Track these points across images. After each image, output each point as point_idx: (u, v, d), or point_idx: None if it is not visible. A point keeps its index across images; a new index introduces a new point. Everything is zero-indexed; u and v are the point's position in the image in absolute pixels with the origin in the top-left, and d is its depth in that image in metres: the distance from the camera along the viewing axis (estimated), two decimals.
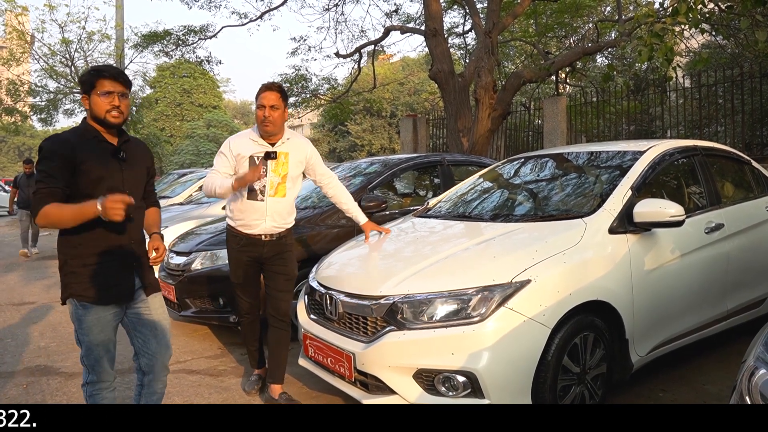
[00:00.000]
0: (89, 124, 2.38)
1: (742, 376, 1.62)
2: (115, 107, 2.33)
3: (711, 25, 7.78)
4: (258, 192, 3.16)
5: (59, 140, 2.29)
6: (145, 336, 2.51)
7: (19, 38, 16.73)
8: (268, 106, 3.09)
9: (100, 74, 2.32)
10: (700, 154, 3.83)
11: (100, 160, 2.32)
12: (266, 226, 3.19)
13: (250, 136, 3.22)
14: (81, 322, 2.34)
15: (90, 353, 2.39)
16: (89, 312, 2.33)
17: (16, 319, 5.41)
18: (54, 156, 2.23)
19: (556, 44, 15.89)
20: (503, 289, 2.57)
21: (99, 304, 2.33)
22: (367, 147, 30.38)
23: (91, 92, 2.31)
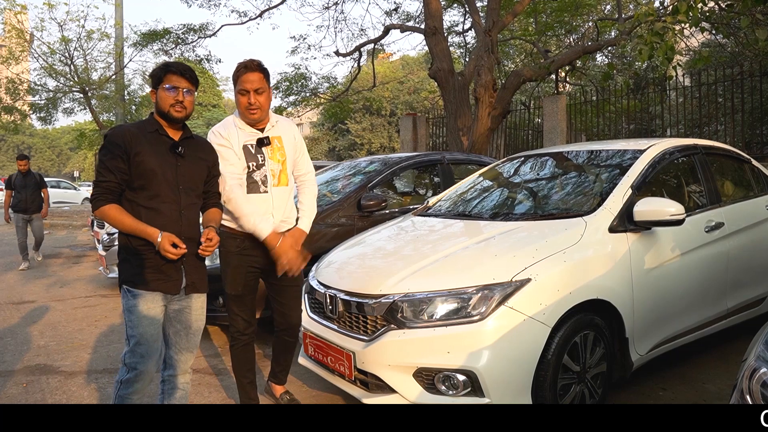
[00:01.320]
0: (153, 117, 2.43)
1: (743, 375, 1.62)
2: (179, 102, 2.36)
3: (711, 23, 7.78)
4: (260, 183, 2.85)
5: (119, 131, 2.35)
6: (178, 331, 2.50)
7: (19, 37, 16.69)
8: (252, 90, 2.75)
9: (169, 69, 2.38)
10: (700, 152, 3.82)
11: (156, 152, 2.35)
12: (274, 222, 2.87)
13: (234, 123, 2.87)
14: (131, 312, 2.33)
15: (137, 347, 2.34)
16: (139, 300, 2.33)
17: (15, 318, 5.41)
18: (112, 146, 2.30)
19: (556, 43, 15.88)
20: (503, 287, 2.57)
21: (147, 289, 2.33)
22: (367, 146, 30.37)
23: (159, 86, 2.38)
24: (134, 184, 2.32)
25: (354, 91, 15.75)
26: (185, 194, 2.42)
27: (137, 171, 2.31)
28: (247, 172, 2.83)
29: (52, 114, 17.41)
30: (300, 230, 2.98)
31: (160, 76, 2.38)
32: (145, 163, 2.31)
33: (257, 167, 2.84)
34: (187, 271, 2.44)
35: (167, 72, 2.38)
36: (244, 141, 2.84)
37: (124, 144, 2.29)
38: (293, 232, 2.95)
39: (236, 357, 3.03)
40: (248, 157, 2.83)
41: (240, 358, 3.03)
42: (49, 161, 61.19)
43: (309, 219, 3.03)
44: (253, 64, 2.79)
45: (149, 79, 2.49)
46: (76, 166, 54.94)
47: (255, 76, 2.76)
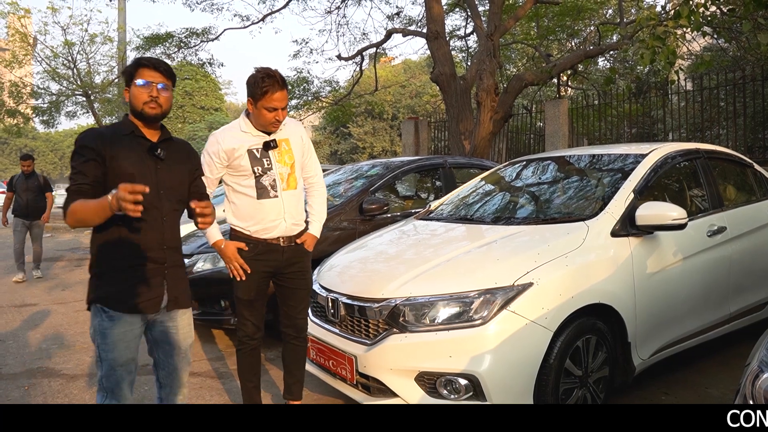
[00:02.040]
0: (128, 118, 2.23)
1: (746, 380, 1.61)
2: (153, 98, 2.15)
3: (713, 28, 7.77)
4: (269, 188, 2.78)
5: (92, 134, 2.17)
6: (168, 352, 2.31)
7: (22, 40, 16.75)
8: (280, 108, 2.72)
9: (141, 63, 2.18)
10: (702, 157, 3.82)
11: (132, 156, 2.15)
12: (286, 226, 2.82)
13: (240, 128, 2.82)
14: (105, 336, 2.12)
15: (112, 374, 2.13)
16: (115, 324, 2.12)
17: (17, 321, 5.41)
18: (84, 150, 2.11)
19: (558, 47, 15.91)
20: (505, 292, 2.57)
21: (125, 311, 2.12)
22: (369, 149, 30.39)
23: (131, 83, 2.17)
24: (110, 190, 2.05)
25: (356, 94, 15.76)
26: (167, 199, 2.22)
27: (114, 176, 2.09)
28: (254, 177, 2.77)
29: (54, 117, 17.45)
30: (311, 235, 2.95)
31: (132, 71, 2.17)
32: (122, 167, 2.12)
33: (263, 171, 2.78)
34: (170, 285, 2.23)
35: (139, 66, 2.17)
36: (249, 145, 2.79)
37: (97, 147, 2.10)
38: (304, 238, 2.92)
39: (243, 361, 2.98)
40: (253, 162, 2.77)
41: (247, 363, 2.98)
42: (51, 164, 61.31)
43: (320, 223, 3.00)
44: (280, 79, 2.71)
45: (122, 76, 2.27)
46: None
47: (283, 93, 2.71)
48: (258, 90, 2.67)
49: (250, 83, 2.73)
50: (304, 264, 2.96)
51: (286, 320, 3.01)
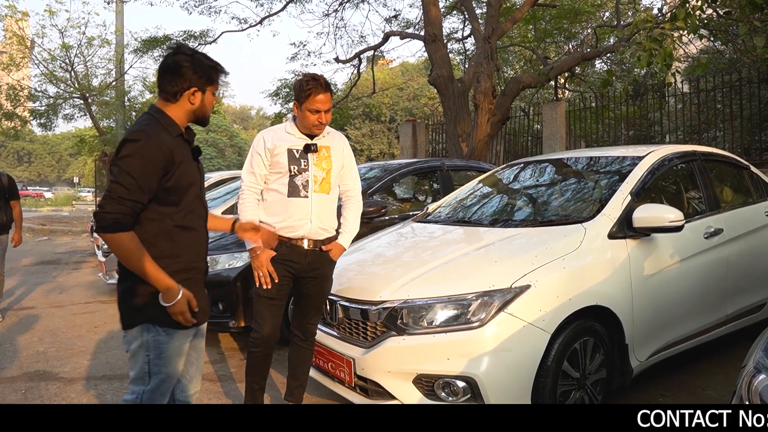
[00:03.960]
0: (170, 117, 2.03)
1: (742, 381, 1.62)
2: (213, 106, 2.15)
3: (709, 30, 7.81)
4: (300, 188, 2.81)
5: (158, 141, 1.92)
6: (191, 358, 2.21)
7: (19, 43, 16.75)
8: (324, 110, 2.78)
9: (223, 69, 2.12)
10: (699, 159, 3.83)
11: (189, 163, 2.04)
12: (311, 228, 2.82)
13: (285, 129, 2.89)
14: (161, 351, 2.00)
15: (160, 387, 2.04)
16: (173, 338, 2.02)
17: (14, 325, 5.40)
18: (150, 162, 1.88)
19: (555, 49, 15.93)
20: (503, 294, 2.57)
21: (183, 328, 2.02)
22: (367, 152, 30.41)
23: (208, 88, 2.07)
24: (166, 199, 1.96)
25: (354, 97, 15.78)
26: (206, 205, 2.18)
27: (175, 185, 1.96)
28: (289, 176, 2.81)
29: (52, 120, 17.44)
30: (339, 245, 2.93)
31: (213, 77, 2.08)
32: (184, 177, 1.98)
33: (299, 171, 2.81)
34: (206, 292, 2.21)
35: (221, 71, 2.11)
36: (290, 145, 2.84)
37: (164, 159, 1.92)
38: (331, 246, 2.91)
39: (254, 364, 2.93)
40: (291, 161, 2.81)
41: (257, 366, 2.93)
42: (49, 167, 61.26)
43: (350, 236, 3.00)
44: (325, 82, 2.80)
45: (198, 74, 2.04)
46: (76, 172, 54.98)
47: (327, 96, 2.79)
48: (303, 93, 2.76)
49: (296, 87, 2.84)
50: (325, 272, 2.93)
51: (297, 323, 3.01)
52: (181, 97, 2.03)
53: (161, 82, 2.05)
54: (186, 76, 2.01)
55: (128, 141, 1.91)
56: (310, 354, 3.05)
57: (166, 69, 2.03)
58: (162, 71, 2.05)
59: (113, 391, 3.64)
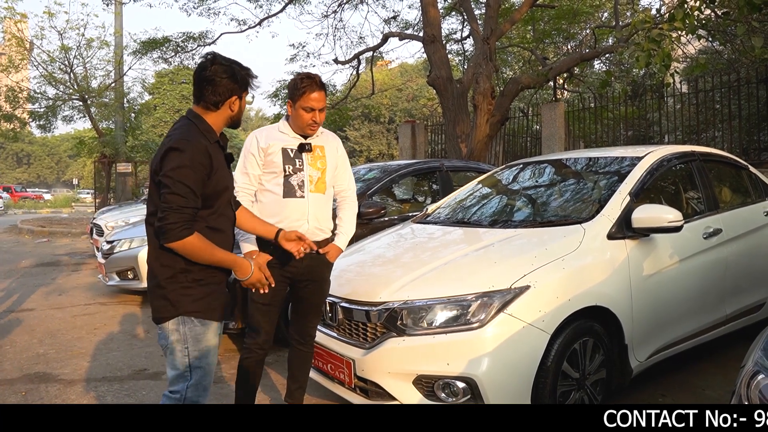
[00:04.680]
0: (208, 123, 2.12)
1: (742, 381, 1.63)
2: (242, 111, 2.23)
3: (707, 31, 7.82)
4: (296, 188, 2.76)
5: (200, 145, 2.02)
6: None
7: (18, 45, 16.76)
8: (318, 109, 2.73)
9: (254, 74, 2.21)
10: (697, 159, 3.84)
11: (223, 168, 2.11)
12: (308, 228, 2.76)
13: (279, 128, 2.84)
14: (199, 342, 2.06)
15: (202, 381, 2.09)
16: (209, 329, 2.09)
17: (14, 326, 5.40)
18: (198, 167, 1.98)
19: (554, 50, 15.95)
20: (502, 295, 2.58)
21: (216, 320, 2.12)
22: (366, 153, 30.42)
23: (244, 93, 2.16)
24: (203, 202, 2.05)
25: (353, 98, 15.80)
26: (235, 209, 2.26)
27: (213, 189, 2.05)
28: (284, 176, 2.76)
29: (51, 122, 17.46)
30: (336, 247, 2.88)
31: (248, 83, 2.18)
32: (222, 180, 2.08)
33: (294, 171, 2.76)
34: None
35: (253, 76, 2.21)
36: (284, 144, 2.79)
37: (208, 164, 2.01)
38: (328, 248, 2.85)
39: (246, 371, 2.85)
40: (286, 160, 2.76)
41: (249, 373, 2.86)
42: (48, 169, 61.23)
43: (346, 237, 2.94)
44: (320, 80, 2.76)
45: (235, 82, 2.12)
46: (75, 174, 54.97)
47: (321, 94, 2.74)
48: (297, 90, 2.72)
49: (290, 86, 2.79)
50: (323, 275, 2.89)
51: (296, 326, 2.96)
52: (222, 106, 2.12)
53: (201, 92, 2.11)
54: (228, 86, 2.10)
55: (174, 150, 1.98)
56: (309, 357, 3.00)
57: (206, 80, 2.09)
58: (202, 82, 2.10)
59: (113, 393, 3.64)
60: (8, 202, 33.03)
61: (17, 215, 25.26)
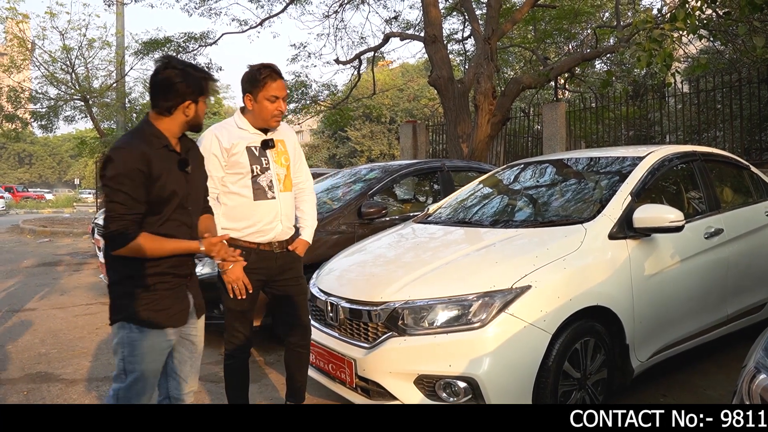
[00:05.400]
0: (157, 129, 2.09)
1: (743, 381, 1.63)
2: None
3: (709, 30, 7.82)
4: (266, 189, 2.69)
5: (135, 153, 1.99)
6: (182, 358, 2.25)
7: (20, 45, 16.77)
8: (281, 97, 2.66)
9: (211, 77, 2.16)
10: (699, 159, 3.84)
11: (171, 172, 2.08)
12: (282, 228, 2.74)
13: (237, 125, 2.73)
14: (134, 348, 2.05)
15: (135, 385, 2.08)
16: (146, 336, 2.06)
17: (16, 326, 5.41)
18: (133, 173, 1.96)
19: (555, 50, 15.95)
20: (504, 294, 2.58)
21: (155, 327, 2.08)
22: (367, 153, 30.42)
23: (200, 98, 2.12)
24: (149, 210, 2.05)
25: (354, 98, 15.80)
26: (195, 213, 2.22)
27: (157, 196, 2.03)
28: (251, 177, 2.68)
29: (53, 122, 17.45)
30: (303, 241, 2.88)
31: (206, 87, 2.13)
32: (166, 187, 2.04)
33: (261, 171, 2.69)
34: (194, 293, 2.25)
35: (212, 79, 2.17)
36: (248, 143, 2.71)
37: (146, 170, 1.99)
38: (296, 244, 2.85)
39: (233, 375, 2.86)
40: (252, 160, 2.68)
41: (237, 376, 2.87)
42: (50, 169, 61.30)
43: (312, 229, 2.94)
44: (277, 68, 2.68)
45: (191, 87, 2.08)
46: (76, 174, 55.04)
47: (281, 83, 2.68)
48: (257, 82, 2.64)
49: (246, 79, 2.68)
50: (297, 270, 2.87)
51: (287, 327, 2.92)
52: (175, 111, 2.08)
53: (154, 97, 2.10)
54: (179, 91, 2.05)
55: (108, 158, 1.99)
56: (307, 356, 2.96)
57: (158, 85, 2.07)
58: (154, 87, 2.08)
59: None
60: (10, 202, 33.09)
61: (19, 215, 25.29)
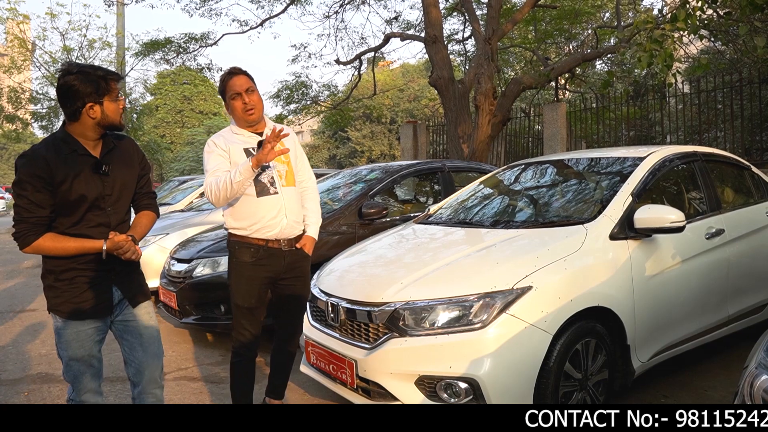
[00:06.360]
0: (68, 134, 2.16)
1: (744, 382, 1.62)
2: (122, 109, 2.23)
3: (710, 31, 7.83)
4: (268, 185, 2.76)
5: (38, 161, 2.07)
6: (131, 344, 2.37)
7: (21, 46, 16.80)
8: (243, 91, 2.71)
9: (114, 75, 2.18)
10: (699, 159, 3.84)
11: (79, 177, 2.12)
12: (286, 223, 2.79)
13: (232, 131, 2.83)
14: (60, 336, 2.25)
15: (69, 368, 2.27)
16: (68, 325, 2.22)
17: (17, 327, 5.41)
18: (34, 179, 2.05)
19: (556, 50, 15.95)
20: (504, 295, 2.57)
21: (75, 319, 2.22)
22: (367, 153, 30.43)
23: (105, 97, 2.14)
24: (61, 213, 2.14)
25: (354, 98, 15.81)
26: (114, 214, 2.24)
27: (63, 200, 2.10)
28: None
29: (53, 122, 17.47)
30: (310, 238, 2.96)
31: (108, 86, 2.15)
32: (72, 191, 2.10)
33: (262, 169, 2.73)
34: (123, 287, 2.31)
35: (115, 77, 2.19)
36: (245, 145, 2.79)
37: (48, 176, 2.06)
38: (304, 241, 2.93)
39: (239, 373, 2.91)
40: None
41: (242, 375, 2.91)
42: None
43: (317, 226, 3.02)
44: (236, 68, 2.78)
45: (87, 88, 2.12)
46: None
47: (242, 79, 2.74)
48: (222, 87, 2.79)
49: (218, 90, 2.87)
50: (304, 269, 2.96)
51: (282, 324, 3.02)
52: (81, 115, 2.13)
53: (61, 105, 2.16)
54: (78, 94, 2.10)
55: (15, 167, 2.11)
56: (293, 355, 3.06)
57: (60, 92, 2.13)
58: (58, 95, 2.15)
59: (115, 393, 3.64)
60: (10, 203, 33.13)
61: None
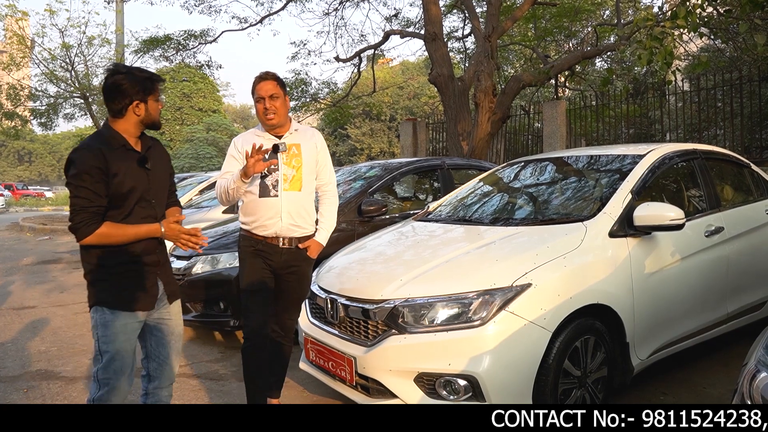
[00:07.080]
0: (114, 130, 2.27)
1: (743, 379, 1.62)
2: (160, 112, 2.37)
3: (710, 28, 7.81)
4: (270, 187, 2.89)
5: (95, 152, 2.18)
6: (160, 340, 2.43)
7: (20, 43, 16.75)
8: (266, 96, 2.87)
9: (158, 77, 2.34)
10: (699, 157, 3.83)
11: (129, 170, 2.25)
12: (283, 225, 2.88)
13: (255, 132, 3.01)
14: (107, 328, 2.25)
15: (111, 363, 2.26)
16: (118, 317, 2.25)
17: (16, 324, 5.41)
18: (92, 170, 2.15)
19: (555, 48, 15.93)
20: (504, 292, 2.57)
21: (125, 310, 2.27)
22: (367, 151, 30.42)
23: (149, 97, 2.29)
24: (111, 205, 2.23)
25: (354, 96, 15.78)
26: (159, 206, 2.37)
27: (116, 192, 2.21)
28: (260, 177, 2.88)
29: (52, 119, 17.46)
30: (316, 242, 3.01)
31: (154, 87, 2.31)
32: (124, 184, 2.22)
33: (269, 172, 2.88)
34: (165, 281, 2.40)
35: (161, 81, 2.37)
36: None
37: (104, 167, 2.17)
38: (308, 243, 2.97)
39: (249, 359, 2.94)
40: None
41: (252, 360, 2.94)
42: (49, 167, 61.26)
43: (327, 232, 3.06)
44: (269, 74, 2.94)
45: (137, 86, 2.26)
46: None
47: (269, 84, 2.89)
48: (252, 90, 2.96)
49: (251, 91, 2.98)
50: (302, 270, 2.99)
51: (276, 318, 3.06)
52: (126, 112, 2.26)
53: (107, 103, 2.28)
54: (125, 93, 2.24)
55: (70, 161, 2.19)
56: (288, 349, 3.10)
57: (108, 90, 2.26)
58: (105, 93, 2.27)
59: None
60: (10, 199, 33.14)
61: (19, 213, 25.29)
